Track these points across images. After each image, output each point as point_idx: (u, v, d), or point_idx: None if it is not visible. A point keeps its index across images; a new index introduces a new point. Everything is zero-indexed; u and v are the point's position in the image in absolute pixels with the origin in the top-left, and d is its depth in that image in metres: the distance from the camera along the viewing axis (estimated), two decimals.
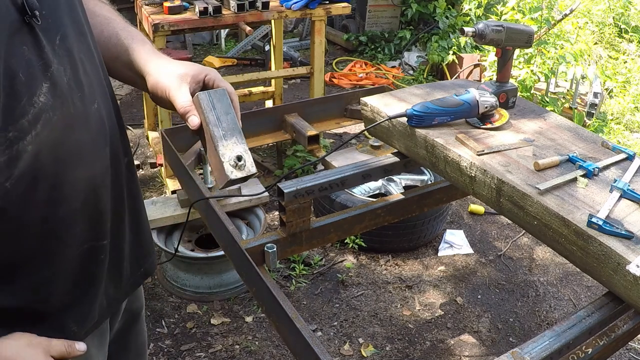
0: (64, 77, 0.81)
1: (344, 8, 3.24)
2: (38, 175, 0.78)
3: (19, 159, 0.75)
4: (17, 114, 0.73)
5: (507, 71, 1.86)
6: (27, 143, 0.75)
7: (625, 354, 2.38)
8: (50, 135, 0.78)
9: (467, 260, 2.92)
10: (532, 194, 1.39)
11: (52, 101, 0.78)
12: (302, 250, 1.89)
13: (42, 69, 0.76)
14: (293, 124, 2.50)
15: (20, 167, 0.75)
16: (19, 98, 0.73)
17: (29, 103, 0.74)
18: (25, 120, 0.74)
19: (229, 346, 2.35)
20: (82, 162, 0.86)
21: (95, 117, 0.88)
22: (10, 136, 0.73)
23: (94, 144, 0.88)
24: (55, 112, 0.78)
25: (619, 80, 5.20)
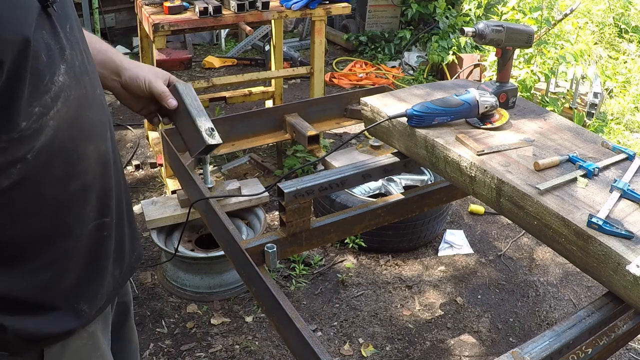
0: (76, 61, 0.90)
1: (344, 8, 3.24)
2: (56, 150, 0.86)
3: (41, 133, 0.82)
4: (41, 91, 0.81)
5: (507, 71, 1.86)
6: (49, 118, 0.83)
7: (625, 354, 2.38)
8: (68, 112, 0.86)
9: (467, 260, 2.92)
10: (532, 194, 1.40)
11: (69, 81, 0.86)
12: (302, 250, 1.89)
13: (59, 52, 0.85)
14: (293, 124, 2.50)
15: (41, 141, 0.82)
16: (42, 77, 0.81)
17: (51, 82, 0.82)
18: (48, 97, 0.82)
19: (229, 346, 2.35)
20: (93, 139, 0.94)
21: (99, 101, 0.98)
22: (36, 111, 0.81)
23: (100, 124, 0.97)
24: (71, 92, 0.87)
25: (619, 80, 5.20)
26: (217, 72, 5.23)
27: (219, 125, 2.39)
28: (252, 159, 3.56)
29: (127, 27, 5.78)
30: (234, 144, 2.46)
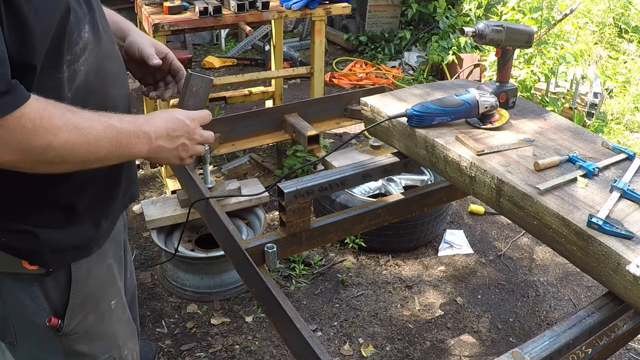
0: (97, 22, 1.12)
1: (344, 8, 3.24)
2: (89, 90, 1.09)
3: (76, 76, 1.05)
4: (72, 44, 1.03)
5: (507, 71, 1.86)
6: (80, 64, 1.06)
7: (625, 354, 2.38)
8: (94, 61, 1.10)
9: (467, 260, 2.92)
10: (532, 194, 1.40)
11: (92, 37, 1.10)
12: (302, 250, 1.89)
13: (83, 15, 1.08)
14: (293, 124, 2.50)
15: (77, 82, 1.06)
16: (72, 33, 1.03)
17: (79, 37, 1.05)
18: (77, 48, 1.05)
19: (229, 346, 2.35)
20: (117, 84, 1.19)
21: (117, 55, 1.22)
22: (69, 58, 1.03)
23: (121, 73, 1.21)
24: (95, 45, 1.10)
25: (619, 80, 5.19)
26: (217, 72, 5.23)
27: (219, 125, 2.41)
28: (252, 159, 3.56)
29: None
30: (234, 144, 2.46)
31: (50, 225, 1.12)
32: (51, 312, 1.18)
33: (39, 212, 1.11)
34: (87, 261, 1.21)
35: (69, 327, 1.21)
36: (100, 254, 1.25)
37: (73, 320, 1.21)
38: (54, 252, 1.13)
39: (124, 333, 1.36)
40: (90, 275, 1.22)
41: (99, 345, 1.28)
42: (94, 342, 1.27)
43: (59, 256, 1.15)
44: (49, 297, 1.18)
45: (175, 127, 1.15)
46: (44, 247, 1.11)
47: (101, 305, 1.27)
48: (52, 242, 1.12)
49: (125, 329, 1.37)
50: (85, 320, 1.23)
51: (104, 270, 1.27)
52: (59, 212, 1.13)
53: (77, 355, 1.25)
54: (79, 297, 1.21)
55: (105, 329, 1.29)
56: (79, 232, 1.17)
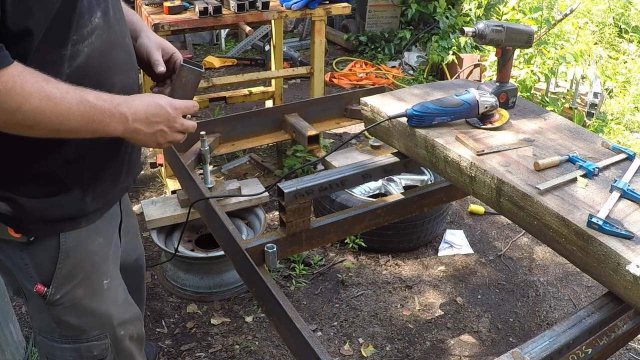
0: (109, 12, 1.19)
1: (344, 8, 3.23)
2: (88, 72, 1.13)
3: (78, 56, 1.10)
4: (81, 25, 1.09)
5: (507, 71, 1.86)
6: (84, 46, 1.11)
7: (625, 354, 2.38)
8: (99, 46, 1.15)
9: (467, 260, 2.92)
10: (532, 194, 1.40)
11: (103, 24, 1.15)
12: (302, 250, 1.89)
13: (96, 2, 1.14)
14: (293, 124, 2.50)
15: (77, 61, 1.11)
16: (83, 16, 1.10)
17: (89, 20, 1.11)
18: (85, 30, 1.11)
19: (229, 346, 2.35)
20: (121, 73, 1.23)
21: (127, 46, 1.27)
22: (75, 38, 1.09)
23: (126, 63, 1.25)
24: (104, 31, 1.16)
25: (619, 80, 5.19)
26: (217, 72, 5.23)
27: (219, 125, 2.41)
28: (252, 159, 3.56)
29: None
30: (234, 144, 2.46)
31: (36, 195, 1.16)
32: (39, 279, 1.24)
33: (25, 182, 1.16)
34: (77, 234, 1.25)
35: (55, 296, 1.26)
36: (91, 230, 1.28)
37: (59, 291, 1.26)
38: (38, 222, 1.17)
39: (120, 314, 1.38)
40: (79, 247, 1.26)
41: (88, 320, 1.32)
42: (83, 316, 1.31)
43: (43, 226, 1.19)
44: (38, 265, 1.23)
45: (155, 112, 1.18)
46: (28, 215, 1.16)
47: (91, 281, 1.31)
48: (36, 211, 1.16)
49: (122, 311, 1.40)
50: (72, 293, 1.28)
51: (95, 247, 1.30)
52: (46, 182, 1.17)
53: (65, 325, 1.30)
54: (67, 268, 1.25)
55: (97, 306, 1.33)
56: (65, 203, 1.20)
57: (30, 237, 1.19)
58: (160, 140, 1.21)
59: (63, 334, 1.31)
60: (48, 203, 1.18)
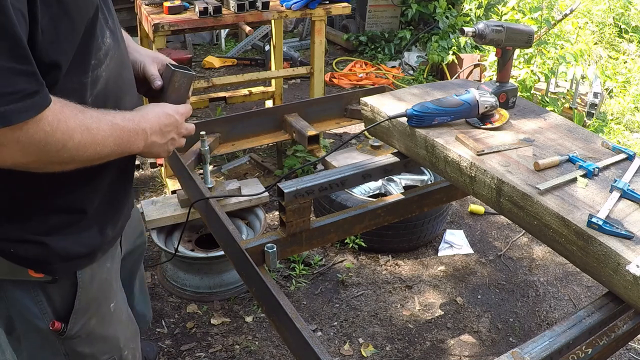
0: (116, 29, 1.16)
1: (344, 8, 3.24)
2: (107, 96, 1.10)
3: (98, 81, 1.07)
4: (97, 48, 1.06)
5: (507, 71, 1.86)
6: (102, 70, 1.08)
7: (625, 354, 2.38)
8: (114, 67, 1.12)
9: (467, 260, 2.92)
10: (532, 194, 1.40)
11: (113, 44, 1.12)
12: (302, 250, 1.89)
13: (104, 21, 1.10)
14: (293, 124, 2.50)
15: (98, 87, 1.08)
16: (97, 37, 1.06)
17: (102, 42, 1.08)
18: (101, 53, 1.07)
19: (229, 346, 2.35)
20: (130, 92, 1.21)
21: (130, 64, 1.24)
22: (94, 63, 1.05)
23: (131, 82, 1.23)
24: (115, 52, 1.13)
25: (619, 80, 5.19)
26: (217, 72, 5.23)
27: (219, 125, 2.41)
28: (252, 159, 3.56)
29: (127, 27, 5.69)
30: (234, 144, 2.46)
31: (60, 233, 1.13)
32: (54, 316, 1.20)
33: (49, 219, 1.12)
34: (91, 267, 1.23)
35: (72, 330, 1.23)
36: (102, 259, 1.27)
37: (76, 324, 1.23)
38: (62, 261, 1.14)
39: (124, 334, 1.39)
40: (94, 280, 1.24)
41: (100, 347, 1.31)
42: (96, 344, 1.30)
43: (66, 265, 1.16)
44: (53, 302, 1.20)
45: (167, 122, 1.18)
46: (54, 256, 1.13)
47: (102, 308, 1.30)
48: (61, 250, 1.13)
49: (125, 330, 1.40)
50: (88, 324, 1.26)
51: (105, 274, 1.29)
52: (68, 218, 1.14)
53: (78, 356, 1.28)
54: (84, 302, 1.23)
55: (106, 330, 1.32)
56: (86, 239, 1.18)
57: (56, 276, 1.16)
58: (170, 148, 1.22)
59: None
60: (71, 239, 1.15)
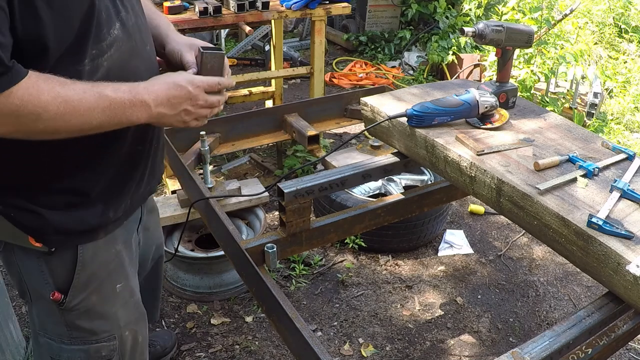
0: (130, 21, 1.18)
1: (344, 8, 3.24)
2: None
3: (97, 70, 1.10)
4: (100, 39, 1.09)
5: (507, 71, 1.86)
6: (103, 60, 1.10)
7: (625, 354, 2.38)
8: (119, 58, 1.14)
9: (467, 260, 2.92)
10: (532, 194, 1.40)
11: (122, 35, 1.14)
12: (302, 250, 1.89)
13: (115, 13, 1.14)
14: (293, 124, 2.50)
15: (98, 76, 1.10)
16: (101, 29, 1.09)
17: (108, 33, 1.11)
18: (104, 43, 1.10)
19: (229, 346, 2.35)
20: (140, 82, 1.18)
21: (148, 54, 1.26)
22: (94, 52, 1.08)
23: (146, 72, 1.22)
24: (123, 43, 1.15)
25: (619, 80, 5.19)
26: None
27: (219, 125, 2.41)
28: (252, 159, 3.56)
29: None
30: (234, 144, 2.46)
31: (57, 207, 1.17)
32: (55, 287, 1.26)
33: (48, 194, 1.16)
34: (94, 245, 1.26)
35: (71, 303, 1.28)
36: (109, 240, 1.30)
37: (75, 298, 1.28)
38: (58, 233, 1.19)
39: (127, 316, 1.41)
40: (96, 258, 1.27)
41: (99, 324, 1.34)
42: (95, 320, 1.33)
43: (63, 237, 1.20)
44: (54, 273, 1.25)
45: (176, 94, 1.18)
46: (49, 227, 1.17)
47: (105, 287, 1.33)
48: (57, 223, 1.17)
49: (129, 313, 1.42)
50: (87, 300, 1.30)
51: (112, 256, 1.32)
52: (67, 196, 1.18)
53: (77, 328, 1.32)
54: (83, 278, 1.27)
55: (108, 309, 1.35)
56: (85, 217, 1.21)
57: (52, 248, 1.20)
58: (186, 119, 1.22)
59: (73, 337, 1.33)
60: (70, 216, 1.19)
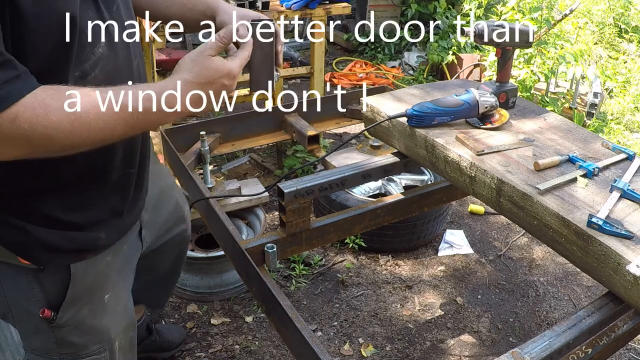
0: (116, 35, 1.10)
1: (344, 8, 3.24)
2: None
3: None
4: (82, 59, 1.01)
5: (507, 71, 1.86)
6: (86, 82, 1.02)
7: (625, 354, 2.38)
8: (104, 78, 1.05)
9: (467, 260, 2.92)
10: (532, 194, 1.40)
11: (108, 53, 1.07)
12: (302, 250, 1.89)
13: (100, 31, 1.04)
14: (293, 124, 2.50)
15: None
16: (84, 48, 1.01)
17: (91, 52, 1.03)
18: (87, 64, 1.02)
19: (229, 346, 2.35)
20: None
21: (136, 70, 1.19)
22: (76, 75, 1.01)
23: None
24: (109, 61, 1.07)
25: (619, 80, 5.19)
26: None
27: (219, 125, 2.41)
28: (252, 159, 3.56)
29: None
30: (234, 144, 2.46)
31: (44, 225, 1.13)
32: (45, 304, 1.22)
33: (32, 214, 1.12)
34: (85, 262, 1.22)
35: (62, 319, 1.24)
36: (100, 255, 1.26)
37: (66, 314, 1.24)
38: (46, 251, 1.15)
39: (116, 325, 1.38)
40: (87, 274, 1.24)
41: (89, 337, 1.32)
42: (85, 334, 1.31)
43: (52, 256, 1.16)
44: (45, 290, 1.21)
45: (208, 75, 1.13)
46: (36, 245, 1.13)
47: (95, 299, 1.30)
48: (44, 241, 1.13)
49: (118, 321, 1.39)
50: (78, 314, 1.27)
51: (102, 267, 1.28)
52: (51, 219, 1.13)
53: (67, 344, 1.29)
54: (76, 293, 1.24)
55: (97, 321, 1.32)
56: (77, 239, 1.17)
57: (40, 267, 1.17)
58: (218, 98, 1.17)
59: (62, 353, 1.30)
60: (59, 236, 1.15)
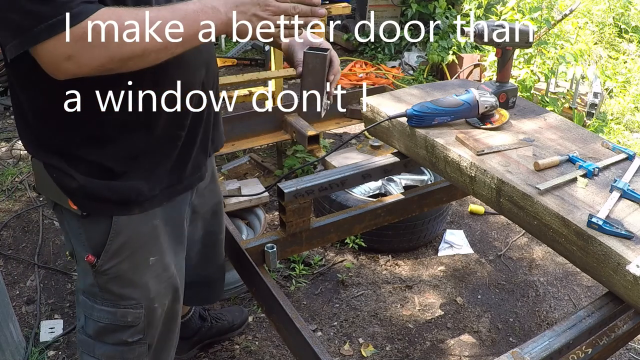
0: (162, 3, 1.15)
1: (344, 8, 3.23)
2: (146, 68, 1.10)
3: None
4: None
5: (507, 71, 1.86)
6: None
7: (625, 354, 2.38)
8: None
9: (467, 260, 2.92)
10: (532, 194, 1.40)
11: None
12: (302, 250, 1.89)
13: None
14: (293, 124, 2.51)
15: None
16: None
17: None
18: None
19: (229, 346, 2.35)
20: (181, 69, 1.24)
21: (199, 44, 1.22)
22: None
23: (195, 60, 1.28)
24: None
25: (619, 80, 5.19)
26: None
27: None
28: (252, 159, 3.56)
29: None
30: (234, 144, 2.46)
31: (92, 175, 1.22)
32: (90, 249, 1.31)
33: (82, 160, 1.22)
34: (129, 217, 1.30)
35: (102, 267, 1.33)
36: (146, 215, 1.33)
37: (107, 263, 1.33)
38: (92, 199, 1.24)
39: (158, 289, 1.44)
40: (129, 229, 1.31)
41: (128, 291, 1.39)
42: (125, 287, 1.38)
43: (96, 204, 1.25)
44: (90, 238, 1.31)
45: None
46: (81, 192, 1.23)
47: (137, 257, 1.37)
48: (90, 190, 1.23)
49: (160, 286, 1.45)
50: (118, 266, 1.35)
51: (147, 228, 1.36)
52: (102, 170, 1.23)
53: (107, 291, 1.38)
54: (116, 245, 1.32)
55: (138, 279, 1.39)
56: (119, 189, 1.25)
57: (84, 213, 1.26)
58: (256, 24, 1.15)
59: (104, 298, 1.38)
60: (103, 185, 1.23)
